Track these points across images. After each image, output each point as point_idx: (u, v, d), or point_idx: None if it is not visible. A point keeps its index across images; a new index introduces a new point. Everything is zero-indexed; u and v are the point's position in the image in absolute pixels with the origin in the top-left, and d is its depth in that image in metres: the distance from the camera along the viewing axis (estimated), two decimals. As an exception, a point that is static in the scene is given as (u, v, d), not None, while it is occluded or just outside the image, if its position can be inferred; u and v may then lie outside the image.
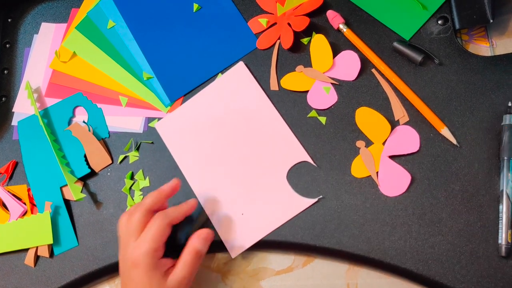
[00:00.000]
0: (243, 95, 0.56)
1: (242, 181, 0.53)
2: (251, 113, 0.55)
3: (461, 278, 0.47)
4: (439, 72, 0.53)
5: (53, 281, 0.55)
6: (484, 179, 0.49)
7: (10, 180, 0.59)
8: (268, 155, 0.54)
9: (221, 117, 0.56)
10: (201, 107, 0.56)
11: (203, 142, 0.55)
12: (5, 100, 0.62)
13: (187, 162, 0.55)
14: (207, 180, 0.54)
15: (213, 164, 0.55)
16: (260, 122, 0.55)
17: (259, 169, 0.53)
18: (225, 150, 0.55)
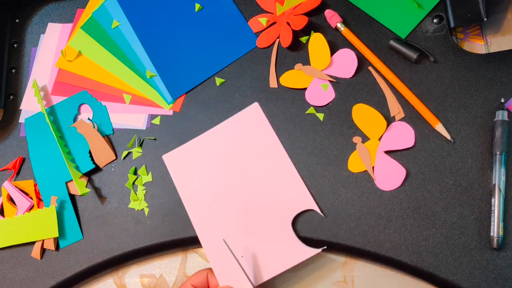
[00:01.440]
0: (255, 136, 0.55)
1: (245, 223, 0.53)
2: (261, 155, 0.55)
3: (454, 269, 0.48)
4: (434, 69, 0.54)
5: (59, 273, 0.56)
6: (477, 174, 0.50)
7: (17, 176, 0.60)
8: (274, 199, 0.53)
9: (230, 156, 0.55)
10: (211, 143, 0.56)
11: (209, 179, 0.55)
12: (13, 98, 0.64)
13: (191, 197, 0.55)
14: (209, 218, 0.54)
15: (217, 203, 0.54)
16: (269, 165, 0.54)
17: (264, 213, 0.53)
18: (230, 189, 0.54)
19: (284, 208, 0.52)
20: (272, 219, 0.52)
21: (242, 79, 0.58)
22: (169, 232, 0.55)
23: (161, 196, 0.56)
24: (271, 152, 0.55)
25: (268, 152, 0.55)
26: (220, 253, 0.51)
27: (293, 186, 0.53)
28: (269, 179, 0.54)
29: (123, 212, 0.57)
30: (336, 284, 0.53)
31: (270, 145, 0.55)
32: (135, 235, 0.55)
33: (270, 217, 0.52)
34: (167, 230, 0.55)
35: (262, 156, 0.54)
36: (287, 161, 0.54)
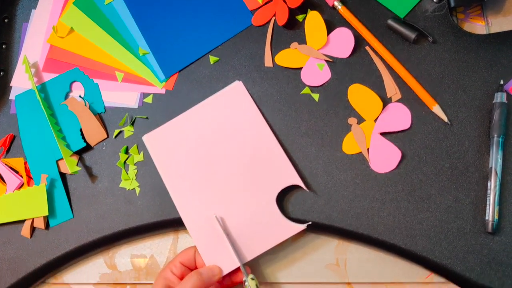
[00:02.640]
0: (237, 114, 0.54)
1: (229, 202, 0.51)
2: (243, 132, 0.53)
3: (447, 253, 0.48)
4: (432, 50, 0.53)
5: (49, 252, 0.55)
6: (473, 157, 0.50)
7: (7, 153, 0.59)
8: (258, 176, 0.51)
9: (213, 134, 0.53)
10: (193, 122, 0.54)
11: (191, 158, 0.53)
12: (3, 75, 0.63)
13: (173, 177, 0.53)
14: (192, 198, 0.52)
15: (200, 182, 0.52)
16: (252, 142, 0.52)
17: (248, 190, 0.51)
18: (213, 168, 0.53)
19: (268, 185, 0.51)
20: (257, 196, 0.51)
21: (237, 57, 0.57)
22: (161, 212, 0.54)
23: (152, 176, 0.55)
24: (254, 129, 0.53)
25: (251, 130, 0.53)
26: (204, 233, 0.51)
27: (277, 162, 0.52)
28: (252, 156, 0.52)
29: (114, 192, 0.56)
30: (328, 267, 0.52)
31: (253, 123, 0.53)
32: (126, 214, 0.55)
33: (254, 194, 0.51)
34: (158, 210, 0.54)
35: (245, 134, 0.53)
36: (271, 137, 0.52)
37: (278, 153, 0.52)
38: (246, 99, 0.54)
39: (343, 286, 0.52)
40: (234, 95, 0.55)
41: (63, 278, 0.56)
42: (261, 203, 0.51)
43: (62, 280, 0.56)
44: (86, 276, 0.56)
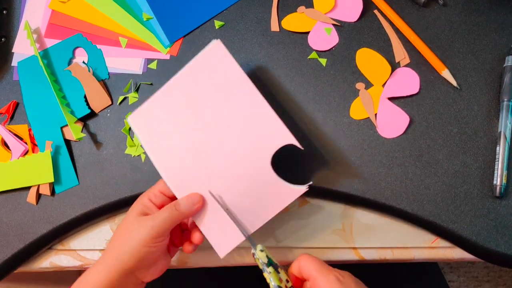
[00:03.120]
0: (221, 77, 0.48)
1: (223, 173, 0.48)
2: (230, 96, 0.48)
3: (454, 218, 0.48)
4: (442, 13, 0.52)
5: (55, 218, 0.56)
6: (482, 121, 0.49)
7: (11, 120, 0.59)
8: (250, 141, 0.47)
9: (198, 103, 0.49)
10: (175, 93, 0.50)
11: (178, 132, 0.49)
12: (5, 41, 0.62)
13: (162, 157, 0.50)
14: (185, 176, 0.49)
15: (190, 157, 0.49)
16: (240, 105, 0.48)
17: (241, 157, 0.48)
18: (203, 138, 0.49)
19: (262, 148, 0.47)
20: (251, 162, 0.47)
21: (242, 22, 0.56)
22: (166, 178, 0.54)
23: (158, 142, 0.55)
24: (239, 91, 0.48)
25: (236, 92, 0.48)
26: (202, 210, 0.48)
27: (268, 123, 0.47)
28: (241, 120, 0.48)
29: (120, 158, 0.56)
30: (335, 232, 0.52)
31: (237, 84, 0.48)
32: (131, 181, 0.55)
33: (248, 160, 0.47)
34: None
35: (231, 98, 0.48)
36: (258, 98, 0.47)
37: (268, 113, 0.47)
38: (228, 60, 0.48)
39: (349, 251, 0.52)
40: (214, 57, 0.49)
41: (69, 244, 0.57)
42: (256, 169, 0.47)
43: (68, 246, 0.57)
44: (92, 242, 0.56)
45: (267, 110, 0.47)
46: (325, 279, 0.40)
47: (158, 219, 0.44)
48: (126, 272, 0.44)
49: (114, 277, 0.43)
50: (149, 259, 0.44)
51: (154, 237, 0.43)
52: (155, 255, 0.45)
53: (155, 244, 0.43)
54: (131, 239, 0.44)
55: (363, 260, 0.51)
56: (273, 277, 0.42)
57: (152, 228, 0.43)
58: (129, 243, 0.43)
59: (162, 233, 0.44)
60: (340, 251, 0.52)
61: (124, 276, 0.44)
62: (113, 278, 0.43)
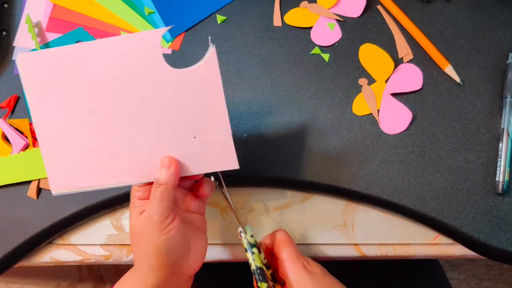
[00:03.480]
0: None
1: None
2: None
3: (456, 214, 0.48)
4: (446, 9, 0.52)
5: (56, 213, 0.55)
6: (485, 118, 0.49)
7: (12, 114, 0.59)
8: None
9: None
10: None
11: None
12: (6, 35, 0.61)
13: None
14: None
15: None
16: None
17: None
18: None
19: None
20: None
21: (245, 17, 0.56)
22: (167, 173, 0.54)
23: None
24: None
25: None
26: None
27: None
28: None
29: (121, 153, 0.55)
30: (336, 228, 0.52)
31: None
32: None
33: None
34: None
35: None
36: None
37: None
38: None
39: (350, 247, 0.52)
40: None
41: (70, 239, 0.56)
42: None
43: (69, 241, 0.56)
44: (93, 237, 0.56)
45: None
46: (293, 264, 0.43)
47: (151, 205, 0.41)
48: (165, 273, 0.42)
49: (156, 283, 0.42)
50: (176, 247, 0.42)
51: (160, 222, 0.41)
52: (178, 239, 0.42)
53: (167, 228, 0.41)
54: (145, 240, 0.41)
55: (365, 256, 0.51)
56: (256, 258, 0.43)
57: (152, 216, 0.41)
58: (146, 245, 0.41)
59: (163, 214, 0.41)
60: (342, 247, 0.52)
61: (165, 281, 0.42)
62: (156, 283, 0.42)
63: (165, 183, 0.41)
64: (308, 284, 0.42)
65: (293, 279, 0.43)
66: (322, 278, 0.43)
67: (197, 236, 0.44)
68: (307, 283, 0.42)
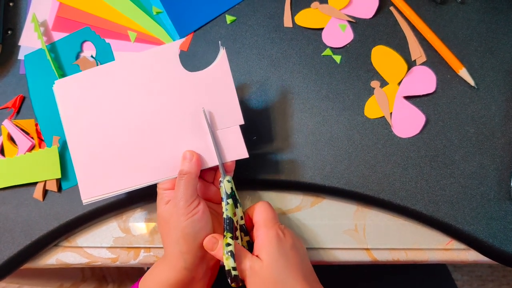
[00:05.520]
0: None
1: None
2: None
3: (470, 220, 0.47)
4: (460, 11, 0.51)
5: (62, 215, 0.55)
6: (500, 122, 0.48)
7: (17, 115, 0.58)
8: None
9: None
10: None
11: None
12: (11, 34, 0.61)
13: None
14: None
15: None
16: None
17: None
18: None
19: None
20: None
21: (255, 17, 0.55)
22: (176, 175, 0.53)
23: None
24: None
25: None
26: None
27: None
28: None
29: (128, 155, 0.55)
30: (347, 232, 0.51)
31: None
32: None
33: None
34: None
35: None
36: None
37: None
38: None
39: (362, 252, 0.51)
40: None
41: (76, 241, 0.56)
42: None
43: (75, 243, 0.56)
44: (99, 240, 0.56)
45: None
46: (266, 231, 0.44)
47: (177, 193, 0.45)
48: (193, 256, 0.44)
49: (185, 266, 0.44)
50: (202, 229, 0.44)
51: (186, 207, 0.44)
52: (203, 222, 0.45)
53: (192, 211, 0.44)
54: (173, 225, 0.44)
55: (376, 261, 0.51)
56: (229, 208, 0.45)
57: (179, 202, 0.44)
58: (174, 229, 0.44)
59: (188, 199, 0.44)
60: (353, 252, 0.51)
61: (193, 264, 0.44)
62: (185, 266, 0.44)
63: (188, 172, 0.45)
64: (274, 251, 0.43)
65: (261, 242, 0.44)
66: (290, 251, 0.43)
67: (221, 222, 0.47)
68: (273, 250, 0.43)
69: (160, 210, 0.46)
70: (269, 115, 0.52)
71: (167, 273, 0.44)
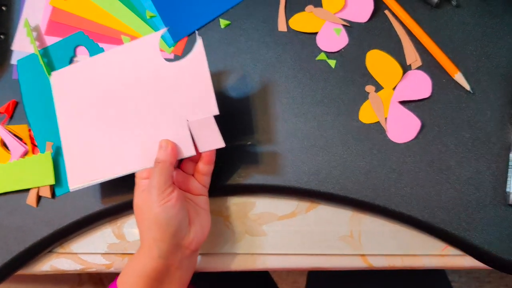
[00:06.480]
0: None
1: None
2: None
3: (466, 226, 0.47)
4: (456, 14, 0.51)
5: (56, 221, 0.54)
6: (496, 127, 0.48)
7: (10, 120, 0.58)
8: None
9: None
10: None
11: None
12: (4, 38, 0.60)
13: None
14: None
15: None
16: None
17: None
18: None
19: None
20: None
21: (249, 21, 0.55)
22: (170, 181, 0.53)
23: (161, 144, 0.54)
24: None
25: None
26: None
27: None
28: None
29: (122, 160, 0.54)
30: (342, 239, 0.51)
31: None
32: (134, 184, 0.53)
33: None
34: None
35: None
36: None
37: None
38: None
39: (357, 258, 0.51)
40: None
41: (70, 247, 0.56)
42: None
43: (70, 250, 0.55)
44: (94, 246, 0.55)
45: None
46: None
47: (151, 180, 0.45)
48: (168, 244, 0.44)
49: (159, 254, 0.44)
50: (175, 217, 0.45)
51: (159, 194, 0.44)
52: (177, 209, 0.45)
53: (165, 199, 0.44)
54: (146, 211, 0.45)
55: (372, 267, 0.50)
56: None
57: (152, 189, 0.45)
58: (148, 216, 0.45)
59: (162, 186, 0.44)
60: (348, 258, 0.51)
61: (168, 252, 0.45)
62: (159, 254, 0.44)
63: (163, 160, 0.46)
64: None
65: None
66: None
67: (199, 212, 0.48)
68: None
69: (135, 199, 0.47)
70: (263, 120, 0.52)
71: (142, 262, 0.45)
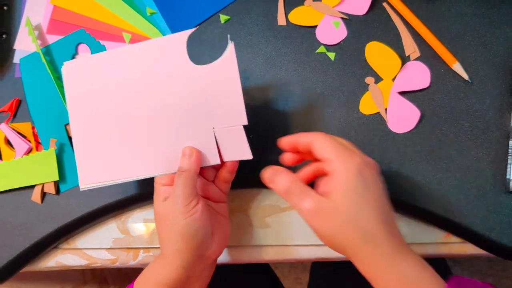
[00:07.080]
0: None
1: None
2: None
3: (466, 213, 0.47)
4: (453, 5, 0.51)
5: (60, 217, 0.55)
6: (494, 116, 0.49)
7: (14, 118, 0.58)
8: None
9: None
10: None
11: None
12: (6, 37, 0.61)
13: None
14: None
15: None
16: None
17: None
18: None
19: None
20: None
21: (249, 16, 0.55)
22: (173, 175, 0.53)
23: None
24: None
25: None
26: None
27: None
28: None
29: (125, 156, 0.55)
30: (345, 229, 0.51)
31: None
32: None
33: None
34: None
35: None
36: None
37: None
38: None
39: (359, 247, 0.51)
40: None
41: (75, 243, 0.56)
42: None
43: (75, 245, 0.56)
44: (99, 241, 0.56)
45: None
46: (342, 165, 0.39)
47: (175, 190, 0.44)
48: (191, 255, 0.43)
49: (181, 265, 0.43)
50: (200, 229, 0.44)
51: (184, 206, 0.43)
52: (202, 222, 0.44)
53: (191, 211, 0.43)
54: (171, 223, 0.43)
55: (374, 256, 0.51)
56: None
57: (177, 200, 0.43)
58: (172, 228, 0.43)
59: (187, 198, 0.43)
60: (351, 247, 0.51)
61: (191, 263, 0.44)
62: (182, 265, 0.43)
63: (188, 170, 0.44)
64: (349, 188, 0.39)
65: (336, 178, 0.39)
66: (370, 189, 0.40)
67: (220, 221, 0.48)
68: (349, 186, 0.39)
69: (157, 207, 0.45)
70: (263, 113, 0.53)
71: (164, 271, 0.44)
